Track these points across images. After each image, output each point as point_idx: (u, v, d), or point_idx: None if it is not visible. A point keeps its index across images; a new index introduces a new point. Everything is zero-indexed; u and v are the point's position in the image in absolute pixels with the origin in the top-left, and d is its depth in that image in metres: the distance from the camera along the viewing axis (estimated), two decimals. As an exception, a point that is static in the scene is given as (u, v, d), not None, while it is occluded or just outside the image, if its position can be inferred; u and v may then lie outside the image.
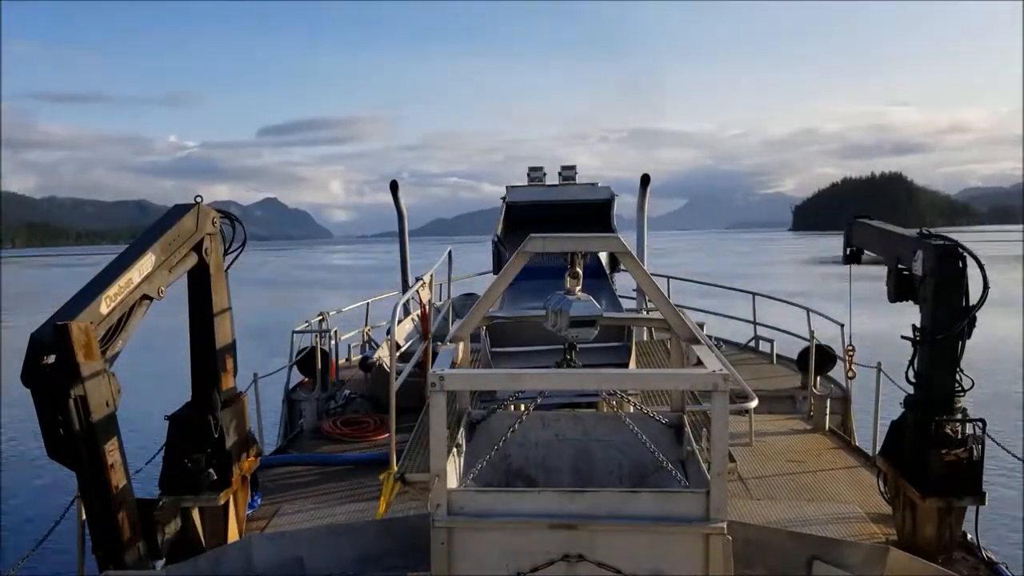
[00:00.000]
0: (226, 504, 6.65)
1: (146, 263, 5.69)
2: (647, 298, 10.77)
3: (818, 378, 11.41)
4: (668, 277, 16.49)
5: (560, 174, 14.02)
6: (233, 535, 6.76)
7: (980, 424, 6.54)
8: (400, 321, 11.79)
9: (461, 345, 5.32)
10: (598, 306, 4.90)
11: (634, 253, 5.09)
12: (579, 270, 4.92)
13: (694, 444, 5.03)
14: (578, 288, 4.91)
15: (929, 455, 6.48)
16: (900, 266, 7.02)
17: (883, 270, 7.32)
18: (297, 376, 12.62)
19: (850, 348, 11.16)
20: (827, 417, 10.66)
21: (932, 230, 6.93)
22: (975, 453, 6.48)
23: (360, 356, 13.92)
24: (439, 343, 7.40)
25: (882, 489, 7.36)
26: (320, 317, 13.44)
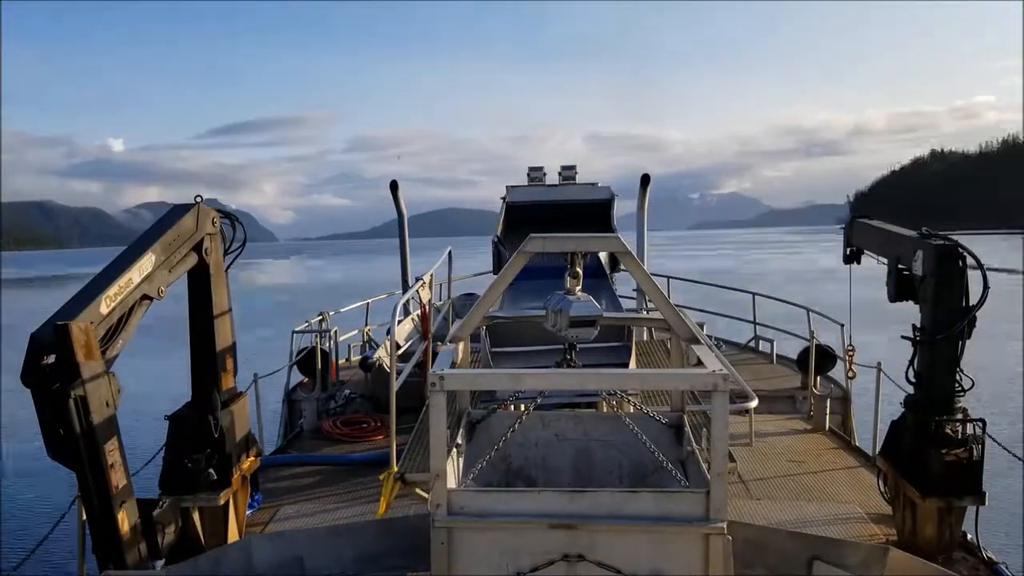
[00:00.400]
0: (226, 504, 6.65)
1: (146, 263, 5.69)
2: (647, 298, 10.77)
3: (818, 378, 11.41)
4: (668, 277, 16.51)
5: (560, 174, 14.02)
6: (233, 535, 6.76)
7: (980, 424, 6.54)
8: (400, 321, 11.78)
9: (461, 345, 5.32)
10: (598, 306, 4.90)
11: (634, 253, 5.09)
12: (579, 270, 4.92)
13: (694, 444, 5.02)
14: (578, 288, 4.91)
15: (929, 455, 6.48)
16: (900, 266, 7.03)
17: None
18: (297, 376, 12.62)
19: (850, 348, 11.16)
20: (827, 417, 10.66)
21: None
22: (975, 453, 6.48)
23: (360, 356, 13.92)
24: (439, 343, 7.39)
25: (882, 489, 7.36)
26: (320, 317, 13.44)
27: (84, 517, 5.40)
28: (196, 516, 6.51)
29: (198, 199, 6.43)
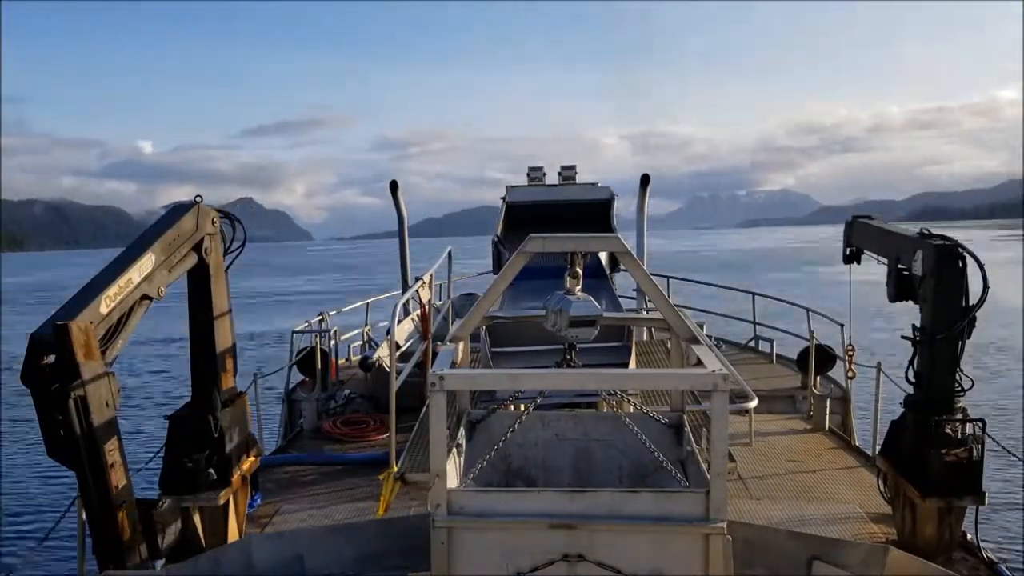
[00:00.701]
0: (226, 504, 6.64)
1: (146, 263, 5.69)
2: (647, 298, 10.77)
3: (818, 378, 11.41)
4: (668, 277, 16.53)
5: (560, 174, 14.02)
6: (233, 535, 6.76)
7: (980, 424, 6.54)
8: (400, 321, 11.78)
9: (461, 345, 5.32)
10: (598, 306, 4.90)
11: (634, 253, 5.09)
12: (579, 270, 4.93)
13: (694, 444, 5.03)
14: (578, 288, 4.91)
15: (929, 455, 6.48)
16: (900, 266, 7.03)
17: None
18: (297, 376, 12.63)
19: (850, 348, 11.17)
20: (827, 417, 10.67)
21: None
22: (975, 453, 6.48)
23: (360, 356, 13.92)
24: (439, 343, 7.39)
25: (882, 489, 7.36)
26: (320, 317, 13.44)
27: (84, 517, 5.40)
28: (196, 516, 6.51)
29: (198, 199, 6.43)
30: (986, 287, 6.42)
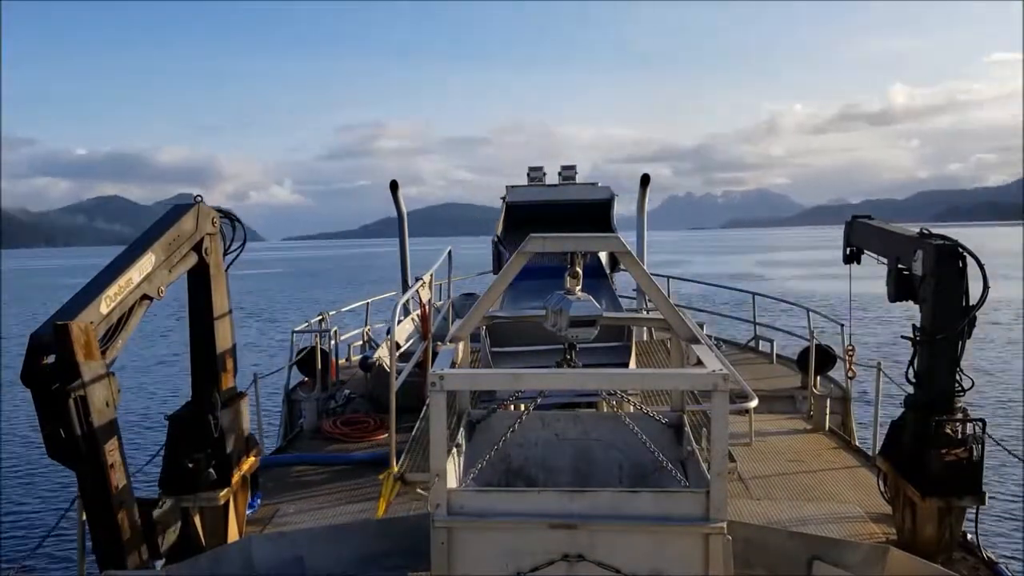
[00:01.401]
0: (226, 504, 6.64)
1: (146, 263, 5.69)
2: (647, 298, 10.78)
3: (818, 378, 11.42)
4: (668, 277, 16.55)
5: (560, 174, 14.04)
6: (233, 535, 6.75)
7: (980, 424, 6.54)
8: (400, 321, 11.79)
9: (461, 345, 5.32)
10: (598, 306, 4.91)
11: (634, 253, 5.10)
12: (579, 270, 4.93)
13: (694, 444, 5.03)
14: (578, 288, 4.92)
15: (929, 455, 6.48)
16: (900, 266, 7.03)
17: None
18: (297, 376, 12.63)
19: (850, 348, 11.17)
20: (827, 417, 10.67)
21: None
22: (975, 453, 6.48)
23: (360, 356, 13.93)
24: (439, 343, 7.40)
25: (882, 489, 7.36)
26: (320, 317, 13.44)
27: (84, 517, 5.40)
28: (196, 516, 6.51)
29: (198, 199, 6.43)
30: (986, 287, 6.41)
